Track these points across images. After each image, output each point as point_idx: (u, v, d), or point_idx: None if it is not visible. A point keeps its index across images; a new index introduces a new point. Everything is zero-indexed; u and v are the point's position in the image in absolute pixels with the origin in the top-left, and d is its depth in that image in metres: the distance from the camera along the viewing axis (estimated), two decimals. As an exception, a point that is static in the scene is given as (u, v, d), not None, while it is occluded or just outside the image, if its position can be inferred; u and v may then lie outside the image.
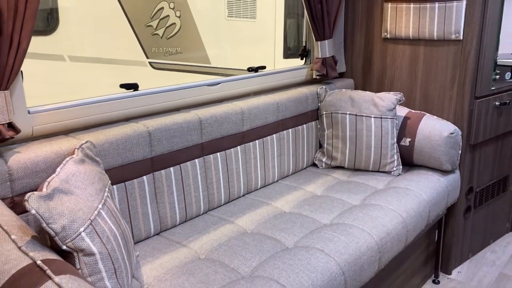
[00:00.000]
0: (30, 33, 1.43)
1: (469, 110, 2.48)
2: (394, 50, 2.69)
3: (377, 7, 2.71)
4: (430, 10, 2.47)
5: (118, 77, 4.02)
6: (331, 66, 2.68)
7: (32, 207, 1.13)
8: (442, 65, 2.51)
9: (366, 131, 2.44)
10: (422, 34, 2.54)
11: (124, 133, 1.71)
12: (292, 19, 5.40)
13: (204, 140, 1.99)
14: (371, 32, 2.78)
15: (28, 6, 1.42)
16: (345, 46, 2.91)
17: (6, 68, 1.38)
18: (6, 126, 1.39)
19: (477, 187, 2.72)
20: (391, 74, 2.74)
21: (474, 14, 2.35)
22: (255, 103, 2.25)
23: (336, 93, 2.58)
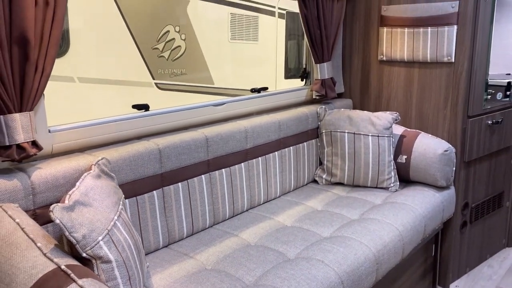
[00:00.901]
0: (53, 58, 1.56)
1: (462, 128, 2.60)
2: (390, 71, 2.83)
3: (373, 31, 2.86)
4: (423, 34, 2.61)
5: (126, 98, 4.17)
6: (330, 87, 2.81)
7: (56, 217, 1.24)
8: (436, 86, 2.65)
9: (364, 148, 2.55)
10: (416, 57, 2.68)
11: (137, 150, 1.82)
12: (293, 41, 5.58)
13: (210, 157, 2.11)
14: (368, 55, 2.92)
15: (52, 33, 1.56)
16: (344, 68, 3.05)
17: (32, 91, 1.51)
18: (30, 143, 1.51)
19: (472, 202, 2.82)
20: (387, 94, 2.87)
21: (465, 38, 2.49)
22: (258, 122, 2.38)
23: (335, 113, 2.71)
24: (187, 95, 4.77)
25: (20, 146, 1.48)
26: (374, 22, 2.85)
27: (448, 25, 2.52)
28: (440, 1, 2.54)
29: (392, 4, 2.73)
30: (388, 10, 2.74)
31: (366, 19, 2.88)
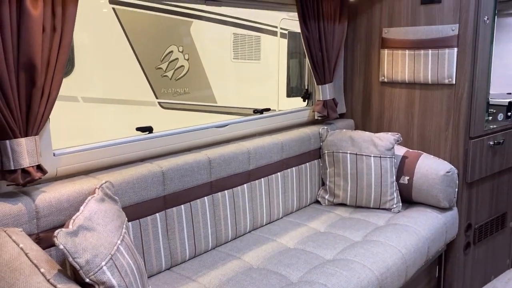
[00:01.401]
0: (59, 83, 1.59)
1: (464, 149, 2.61)
2: (391, 92, 2.86)
3: (374, 53, 2.90)
4: (424, 56, 2.64)
5: (129, 117, 4.20)
6: (331, 108, 2.83)
7: (60, 243, 1.25)
8: (437, 107, 2.66)
9: (367, 169, 2.56)
10: (417, 78, 2.70)
11: (140, 173, 1.84)
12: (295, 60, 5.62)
13: (213, 178, 2.12)
14: (369, 76, 2.95)
15: (59, 59, 1.59)
16: (345, 89, 3.07)
17: (38, 116, 1.53)
18: (35, 168, 1.52)
19: (475, 223, 2.81)
20: (389, 115, 2.89)
21: (465, 61, 2.52)
22: (260, 143, 2.39)
23: (337, 133, 2.72)
24: (190, 114, 4.81)
25: (25, 170, 1.49)
26: (375, 44, 2.88)
27: (449, 47, 2.55)
28: (440, 24, 2.57)
29: (393, 26, 2.77)
30: (389, 33, 2.78)
31: (367, 41, 2.92)
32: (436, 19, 2.59)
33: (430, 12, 2.61)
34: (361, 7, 2.89)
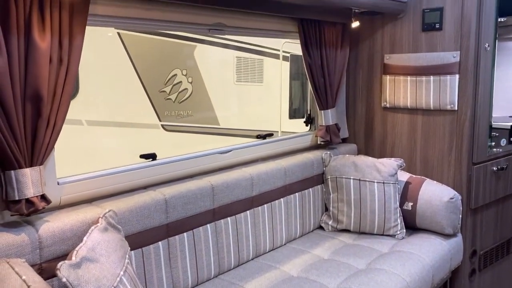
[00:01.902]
0: (65, 113, 1.61)
1: (468, 175, 2.60)
2: (393, 118, 2.87)
3: (376, 79, 2.92)
4: (426, 82, 2.66)
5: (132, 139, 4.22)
6: (334, 133, 2.84)
7: (63, 276, 1.24)
8: (440, 133, 2.67)
9: (370, 195, 2.55)
10: (419, 104, 2.72)
11: (143, 201, 1.84)
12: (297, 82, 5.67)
13: (215, 205, 2.11)
14: (372, 101, 2.97)
15: (65, 89, 1.61)
16: (348, 114, 3.09)
17: (43, 146, 1.54)
18: (39, 197, 1.53)
19: (480, 250, 2.78)
20: (391, 140, 2.89)
21: (467, 87, 2.53)
22: (263, 169, 2.39)
23: (340, 158, 2.73)
24: (193, 136, 4.83)
25: (29, 201, 1.50)
26: (377, 70, 2.91)
27: (450, 74, 2.57)
28: (442, 51, 2.60)
29: (395, 53, 2.80)
30: (391, 59, 2.81)
31: (369, 66, 2.95)
32: (437, 46, 2.62)
33: (431, 39, 2.64)
34: (363, 33, 2.93)
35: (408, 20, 2.72)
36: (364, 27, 2.89)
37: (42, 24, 1.52)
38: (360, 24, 2.80)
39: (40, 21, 1.52)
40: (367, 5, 2.46)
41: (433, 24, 2.60)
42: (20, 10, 1.46)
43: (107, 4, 1.77)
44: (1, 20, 1.43)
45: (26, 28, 1.48)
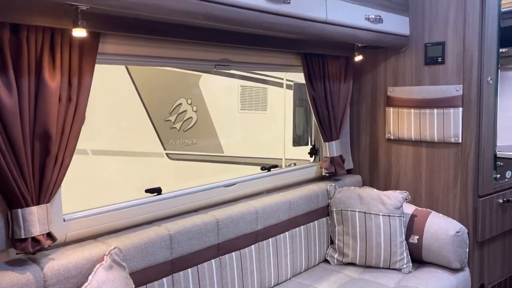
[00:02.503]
0: (73, 151, 1.62)
1: (474, 208, 2.58)
2: (398, 150, 2.87)
3: (380, 111, 2.94)
4: (430, 115, 2.68)
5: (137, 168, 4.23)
6: (339, 165, 2.85)
7: (68, 318, 1.23)
8: (444, 165, 2.67)
9: (376, 228, 2.53)
10: (423, 137, 2.72)
11: (148, 237, 1.83)
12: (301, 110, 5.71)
13: (220, 240, 2.10)
14: (376, 133, 2.98)
15: (73, 127, 1.63)
16: (352, 145, 3.10)
17: (50, 184, 1.56)
18: (45, 235, 1.53)
19: (488, 283, 2.74)
20: (396, 172, 2.89)
21: (471, 120, 2.55)
22: (268, 202, 2.39)
23: (345, 191, 2.72)
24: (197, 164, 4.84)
25: (35, 239, 1.50)
26: (381, 102, 2.93)
27: (454, 107, 2.59)
28: (445, 84, 2.62)
29: (398, 85, 2.83)
30: (394, 91, 2.84)
31: (373, 99, 2.97)
32: (440, 79, 2.65)
33: (434, 72, 2.67)
34: (366, 66, 2.97)
35: (410, 54, 2.76)
36: (367, 60, 2.93)
37: (52, 64, 1.56)
38: (363, 58, 2.84)
39: (51, 61, 1.56)
40: (370, 40, 2.50)
41: (436, 58, 2.64)
42: (31, 50, 1.50)
43: (116, 43, 1.81)
44: (13, 61, 1.47)
45: (37, 68, 1.52)
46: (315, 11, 2.09)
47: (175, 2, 1.52)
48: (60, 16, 1.49)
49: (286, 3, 1.90)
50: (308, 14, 2.05)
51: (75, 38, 1.60)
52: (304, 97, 5.33)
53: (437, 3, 2.61)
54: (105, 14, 1.59)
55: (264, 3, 1.82)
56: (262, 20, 1.86)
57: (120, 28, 1.70)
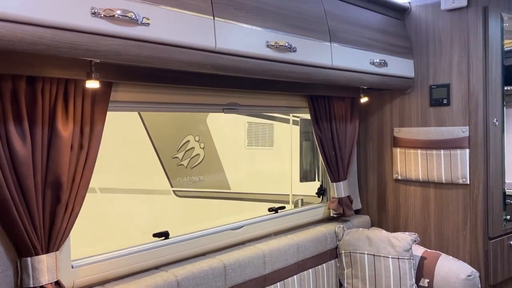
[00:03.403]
0: (83, 198, 1.64)
1: (484, 250, 2.55)
2: (406, 190, 2.87)
3: (387, 151, 2.95)
4: (437, 156, 2.69)
5: (144, 206, 4.24)
6: (347, 205, 2.84)
7: None
8: (453, 206, 2.65)
9: (385, 271, 2.50)
10: (431, 177, 2.72)
11: (155, 283, 1.82)
12: (307, 146, 5.74)
13: (227, 285, 2.08)
14: (383, 173, 2.98)
15: (84, 175, 1.66)
16: (360, 185, 3.10)
17: (60, 232, 1.57)
18: (53, 284, 1.53)
19: (503, 329, 2.67)
20: (405, 212, 2.87)
21: (478, 161, 2.55)
22: (275, 245, 2.37)
23: (354, 232, 2.70)
24: (204, 201, 4.84)
25: (43, 288, 1.50)
26: (387, 142, 2.95)
27: (460, 148, 2.59)
28: (451, 126, 2.64)
29: (404, 126, 2.85)
30: (400, 132, 2.86)
31: (379, 139, 2.99)
32: (446, 121, 2.67)
33: (440, 114, 2.69)
34: (372, 107, 3.01)
35: (416, 95, 2.79)
36: (373, 101, 2.97)
37: (65, 114, 1.60)
38: (369, 99, 2.88)
39: (64, 111, 1.60)
40: (375, 83, 2.54)
41: (441, 99, 2.67)
42: (46, 101, 1.54)
43: (128, 91, 1.86)
44: (28, 112, 1.51)
45: (50, 118, 1.56)
46: (321, 57, 2.14)
47: (185, 55, 1.57)
48: (74, 68, 1.55)
49: (292, 51, 1.95)
50: (314, 60, 2.10)
51: (88, 88, 1.64)
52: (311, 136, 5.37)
53: (441, 46, 2.66)
54: (118, 64, 1.64)
55: (271, 52, 1.87)
56: (270, 68, 1.91)
57: (132, 77, 1.75)
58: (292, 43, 1.94)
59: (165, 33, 1.49)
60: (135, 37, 1.41)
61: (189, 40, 1.57)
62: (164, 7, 1.49)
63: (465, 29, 2.56)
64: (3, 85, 1.43)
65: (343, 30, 2.29)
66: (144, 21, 1.42)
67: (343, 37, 2.27)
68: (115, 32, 1.36)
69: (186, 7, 1.55)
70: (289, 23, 1.97)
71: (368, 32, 2.48)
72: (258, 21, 1.83)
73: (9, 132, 1.44)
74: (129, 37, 1.40)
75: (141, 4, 1.42)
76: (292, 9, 2.02)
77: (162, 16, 1.48)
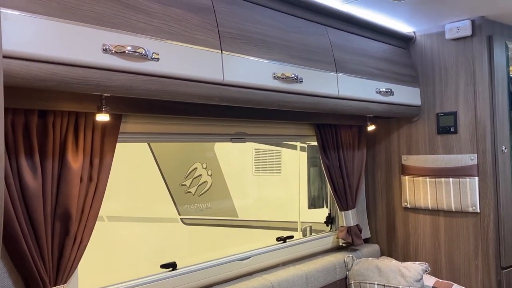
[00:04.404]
0: (91, 230, 1.65)
1: (497, 280, 2.49)
2: (415, 218, 2.84)
3: (395, 179, 2.94)
4: (445, 184, 2.67)
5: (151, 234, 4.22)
6: (356, 235, 2.81)
7: None
8: (464, 235, 2.61)
9: (396, 302, 2.45)
10: (440, 206, 2.69)
11: (163, 316, 1.80)
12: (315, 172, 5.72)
13: (236, 319, 2.05)
14: (392, 201, 2.96)
15: (93, 206, 1.66)
16: (368, 213, 3.07)
17: (68, 263, 1.57)
18: (60, 318, 1.52)
19: None
20: (415, 241, 2.84)
21: (488, 190, 2.52)
22: (284, 276, 2.34)
23: (363, 262, 2.66)
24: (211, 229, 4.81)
25: (50, 322, 1.49)
26: (395, 170, 2.94)
27: (469, 176, 2.57)
28: (459, 153, 2.63)
29: (412, 154, 2.84)
30: (408, 160, 2.85)
31: (387, 167, 2.98)
32: (454, 149, 2.66)
33: (447, 141, 2.69)
34: (379, 135, 3.01)
35: (423, 123, 2.80)
36: (380, 128, 2.98)
37: (75, 146, 1.62)
38: (376, 127, 2.89)
39: (74, 143, 1.62)
40: (381, 112, 2.55)
41: (448, 127, 2.67)
42: (57, 134, 1.57)
43: (137, 122, 1.89)
44: (39, 145, 1.53)
45: (61, 151, 1.58)
46: (327, 87, 2.16)
47: (194, 88, 1.59)
48: (85, 101, 1.58)
49: (299, 82, 1.98)
50: (321, 90, 2.13)
51: (98, 120, 1.67)
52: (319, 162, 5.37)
53: (447, 75, 2.68)
54: (128, 97, 1.67)
55: (278, 83, 1.90)
56: (277, 99, 1.93)
57: (142, 109, 1.78)
58: (299, 74, 1.97)
59: (174, 67, 1.52)
60: (145, 71, 1.45)
61: (197, 73, 1.60)
62: (173, 42, 1.53)
63: (471, 58, 2.58)
64: (15, 119, 1.47)
65: (349, 61, 2.32)
66: (154, 56, 1.45)
67: (349, 67, 2.30)
68: (126, 68, 1.39)
69: (195, 42, 1.59)
70: (295, 55, 2.01)
71: (374, 61, 2.51)
72: (264, 54, 1.86)
73: (21, 165, 1.46)
74: (139, 72, 1.43)
75: (151, 39, 1.46)
76: (298, 41, 2.05)
77: (171, 51, 1.52)
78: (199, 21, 1.63)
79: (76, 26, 1.29)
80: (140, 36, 1.43)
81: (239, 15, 1.81)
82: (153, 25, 1.48)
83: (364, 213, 3.03)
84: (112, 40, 1.36)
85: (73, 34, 1.28)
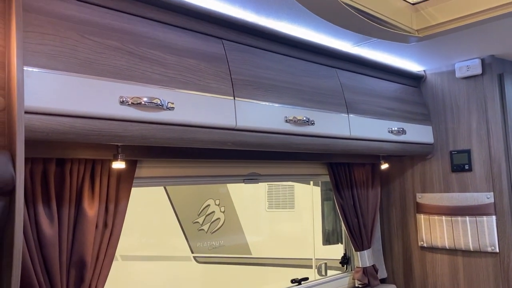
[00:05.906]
0: (106, 277, 1.65)
1: (522, 324, 2.40)
2: (432, 258, 2.77)
3: (411, 217, 2.90)
4: (462, 223, 2.62)
5: (165, 274, 4.19)
6: (372, 275, 2.75)
7: None
8: (484, 276, 2.54)
9: None
10: (458, 245, 2.64)
11: None
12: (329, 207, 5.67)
13: None
14: (408, 240, 2.91)
15: (108, 253, 1.67)
16: (384, 253, 3.01)
17: (82, 312, 1.56)
18: None
19: None
20: (433, 281, 2.76)
21: (506, 228, 2.47)
22: (300, 320, 2.29)
23: (380, 304, 2.60)
24: (224, 268, 4.75)
25: None
26: (411, 208, 2.90)
27: (487, 215, 2.53)
28: (475, 192, 2.59)
29: (426, 192, 2.81)
30: (423, 198, 2.82)
31: (402, 205, 2.95)
32: (469, 187, 2.63)
33: (462, 179, 2.66)
34: (393, 172, 2.99)
35: (437, 161, 2.78)
36: (393, 166, 2.96)
37: (92, 193, 1.65)
38: (389, 165, 2.87)
39: (91, 190, 1.65)
40: (394, 151, 2.55)
41: (462, 165, 2.65)
42: (73, 181, 1.60)
43: (151, 167, 1.92)
44: (56, 192, 1.56)
45: (77, 198, 1.61)
46: (339, 128, 2.18)
47: (208, 134, 1.62)
48: (101, 150, 1.62)
49: (310, 124, 2.00)
50: (332, 132, 2.14)
51: (114, 167, 1.70)
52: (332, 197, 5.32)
53: (459, 113, 2.68)
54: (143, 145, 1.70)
55: (290, 126, 1.92)
56: (289, 142, 1.95)
57: (157, 154, 1.81)
58: (310, 117, 2.00)
59: (188, 115, 1.56)
60: (161, 121, 1.48)
61: (211, 120, 1.63)
62: (188, 91, 1.57)
63: (482, 96, 2.58)
64: (34, 168, 1.50)
65: (360, 101, 2.34)
66: (169, 106, 1.49)
67: (360, 108, 2.32)
68: (142, 118, 1.43)
69: (209, 90, 1.63)
70: (306, 98, 2.04)
71: (385, 101, 2.53)
72: (276, 98, 1.90)
73: (38, 213, 1.49)
74: (155, 121, 1.47)
75: (166, 89, 1.50)
76: (308, 84, 2.09)
77: (186, 100, 1.56)
78: (213, 70, 1.68)
79: (94, 80, 1.34)
80: (155, 87, 1.48)
81: (251, 62, 1.86)
82: (168, 76, 1.53)
83: (380, 252, 2.98)
84: (129, 92, 1.41)
85: (91, 88, 1.33)
